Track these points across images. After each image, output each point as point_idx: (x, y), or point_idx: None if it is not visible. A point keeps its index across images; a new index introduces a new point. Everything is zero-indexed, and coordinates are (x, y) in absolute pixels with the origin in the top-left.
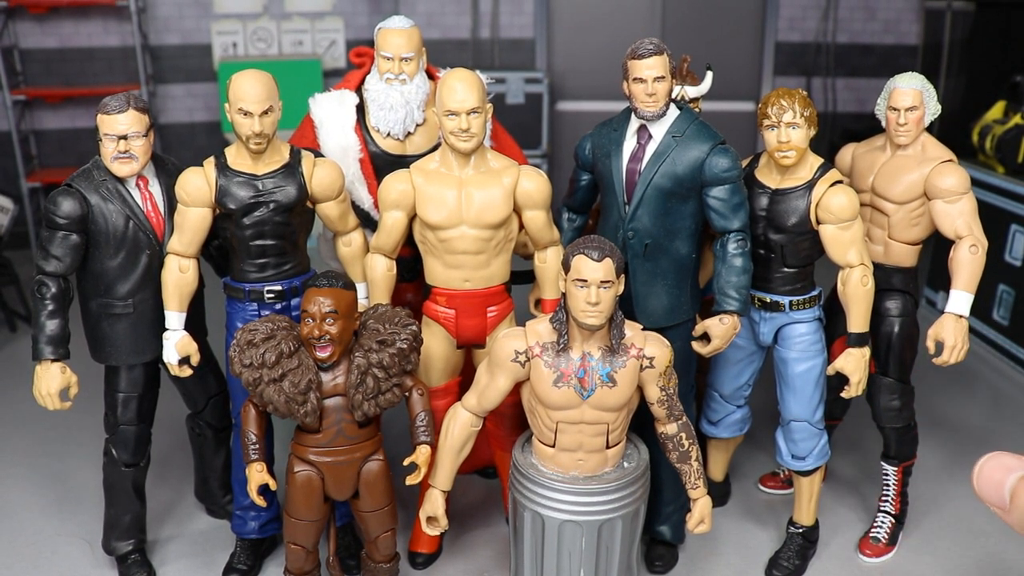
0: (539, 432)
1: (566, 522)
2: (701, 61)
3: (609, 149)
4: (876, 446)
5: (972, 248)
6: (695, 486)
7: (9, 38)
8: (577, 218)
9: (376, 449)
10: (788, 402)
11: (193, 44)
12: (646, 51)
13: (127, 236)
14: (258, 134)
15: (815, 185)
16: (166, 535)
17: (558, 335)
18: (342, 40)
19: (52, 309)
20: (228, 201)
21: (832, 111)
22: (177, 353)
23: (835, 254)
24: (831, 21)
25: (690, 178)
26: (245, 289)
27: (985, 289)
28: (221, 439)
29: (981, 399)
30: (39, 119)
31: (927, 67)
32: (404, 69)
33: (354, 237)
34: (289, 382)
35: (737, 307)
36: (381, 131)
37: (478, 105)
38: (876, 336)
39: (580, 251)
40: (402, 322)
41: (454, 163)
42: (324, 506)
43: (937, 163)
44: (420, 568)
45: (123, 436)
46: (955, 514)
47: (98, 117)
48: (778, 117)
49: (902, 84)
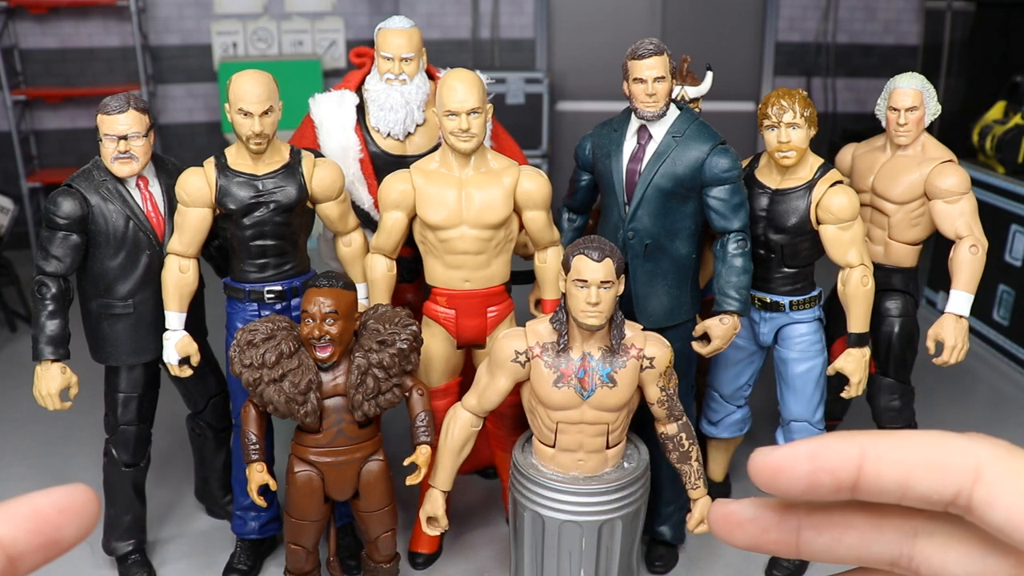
0: (539, 432)
1: (566, 522)
2: (701, 61)
3: (609, 149)
4: None
5: (972, 248)
6: (695, 486)
7: (9, 38)
8: (577, 218)
9: (376, 449)
10: (788, 402)
11: (193, 44)
12: (646, 51)
13: (127, 236)
14: (258, 134)
15: (815, 185)
16: (166, 535)
17: (558, 335)
18: (342, 40)
19: (52, 309)
20: (228, 201)
21: (832, 111)
22: (177, 353)
23: (835, 254)
24: (831, 21)
25: (690, 178)
26: (245, 289)
27: (985, 289)
28: (221, 439)
29: (981, 399)
30: (39, 119)
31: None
32: (404, 69)
33: (354, 237)
34: (289, 382)
35: (737, 307)
36: (381, 131)
37: (478, 105)
38: (876, 336)
39: (580, 251)
40: (402, 322)
41: (454, 163)
42: (324, 506)
43: (937, 163)
44: (420, 568)
45: (123, 436)
46: None
47: (98, 117)
48: (778, 117)
49: (902, 84)
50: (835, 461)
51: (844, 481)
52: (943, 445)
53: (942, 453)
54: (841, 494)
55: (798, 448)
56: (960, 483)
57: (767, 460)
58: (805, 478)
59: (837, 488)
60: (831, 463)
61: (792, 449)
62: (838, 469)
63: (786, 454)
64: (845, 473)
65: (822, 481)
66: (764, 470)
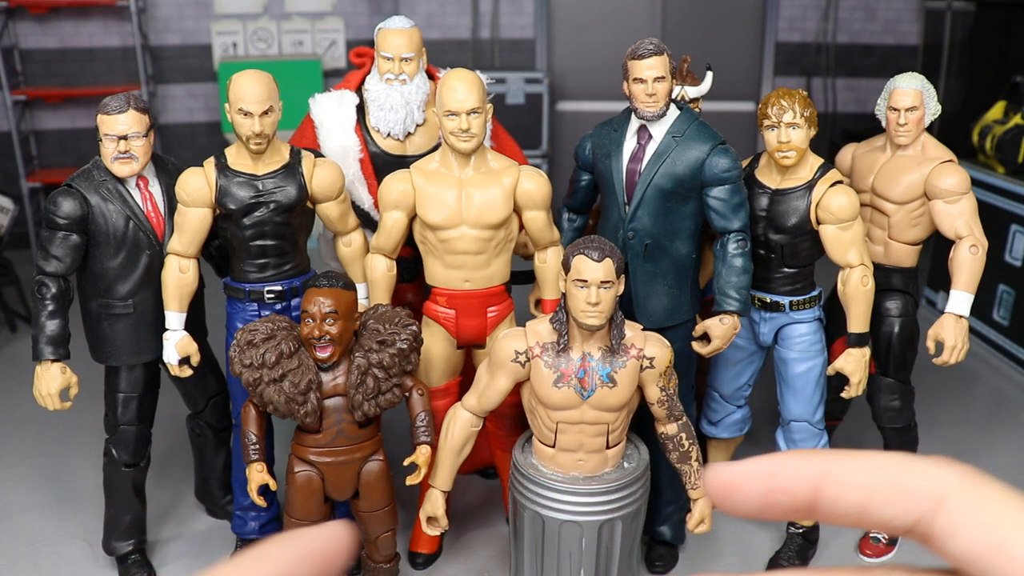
0: (539, 432)
1: (566, 522)
2: (701, 61)
3: (609, 149)
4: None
5: (972, 248)
6: (695, 486)
7: (9, 38)
8: (577, 218)
9: (376, 449)
10: (788, 402)
11: (193, 44)
12: (646, 51)
13: (127, 236)
14: (258, 134)
15: (815, 185)
16: (166, 535)
17: (558, 335)
18: (342, 40)
19: (52, 309)
20: (228, 201)
21: (832, 111)
22: (177, 353)
23: (835, 254)
24: (831, 21)
25: (690, 178)
26: (245, 289)
27: (985, 289)
28: (221, 439)
29: (981, 399)
30: (39, 119)
31: (927, 67)
32: (404, 69)
33: (354, 237)
34: (289, 382)
35: (737, 307)
36: (381, 131)
37: (478, 105)
38: (876, 336)
39: (580, 251)
40: (402, 322)
41: (454, 163)
42: (324, 506)
43: (937, 163)
44: (420, 568)
45: (123, 436)
46: None
47: (98, 117)
48: (778, 117)
49: (902, 84)
50: (792, 482)
51: (801, 502)
52: (907, 470)
53: (905, 478)
54: (797, 514)
55: (755, 466)
56: (922, 510)
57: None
58: (760, 498)
59: (793, 509)
60: (788, 484)
61: (748, 467)
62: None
63: (741, 472)
64: (802, 494)
65: (778, 501)
66: (718, 487)
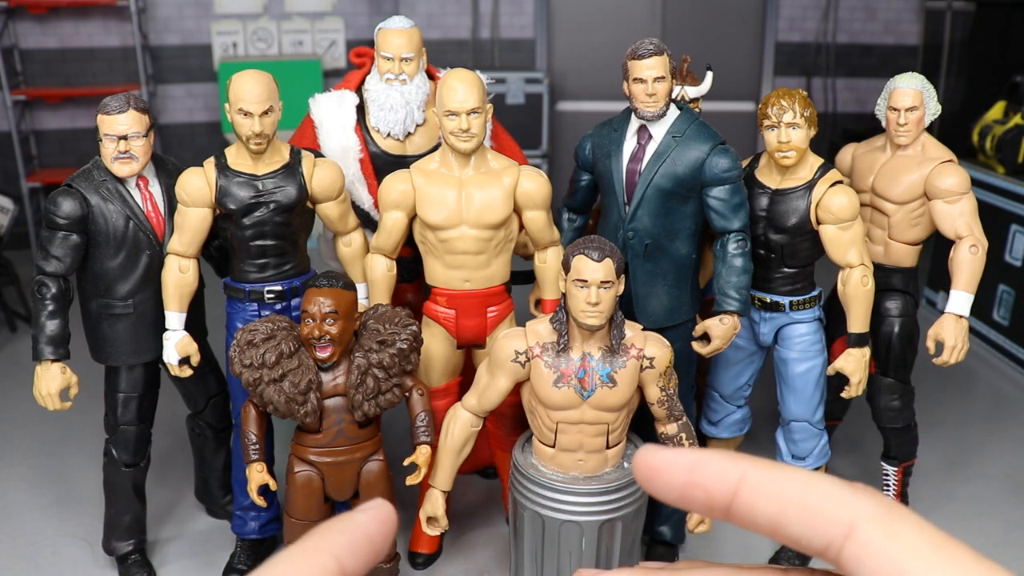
0: (539, 432)
1: (566, 522)
2: (701, 61)
3: (609, 149)
4: (876, 446)
5: (972, 248)
6: None
7: (9, 38)
8: (577, 218)
9: (376, 449)
10: (788, 402)
11: (193, 44)
12: (646, 51)
13: (127, 236)
14: (258, 134)
15: (815, 185)
16: (166, 535)
17: (558, 335)
18: (342, 40)
19: (52, 309)
20: (228, 201)
21: (832, 111)
22: (177, 353)
23: (835, 254)
24: (831, 21)
25: (690, 178)
26: (245, 289)
27: (985, 289)
28: (221, 439)
29: (981, 399)
30: (39, 119)
31: (927, 67)
32: (404, 69)
33: (354, 237)
34: (289, 382)
35: (737, 307)
36: (381, 131)
37: (478, 105)
38: (876, 336)
39: (580, 251)
40: (402, 322)
41: (454, 163)
42: (324, 506)
43: (937, 163)
44: (420, 568)
45: (123, 436)
46: (955, 514)
47: (98, 117)
48: (778, 117)
49: (902, 84)
50: (712, 480)
51: (717, 501)
52: (823, 492)
53: (819, 500)
54: (714, 513)
55: (680, 456)
56: (833, 535)
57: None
58: (679, 488)
59: (710, 506)
60: (707, 480)
61: (674, 455)
62: (713, 489)
63: (666, 458)
64: (719, 495)
65: (695, 496)
66: (643, 468)
